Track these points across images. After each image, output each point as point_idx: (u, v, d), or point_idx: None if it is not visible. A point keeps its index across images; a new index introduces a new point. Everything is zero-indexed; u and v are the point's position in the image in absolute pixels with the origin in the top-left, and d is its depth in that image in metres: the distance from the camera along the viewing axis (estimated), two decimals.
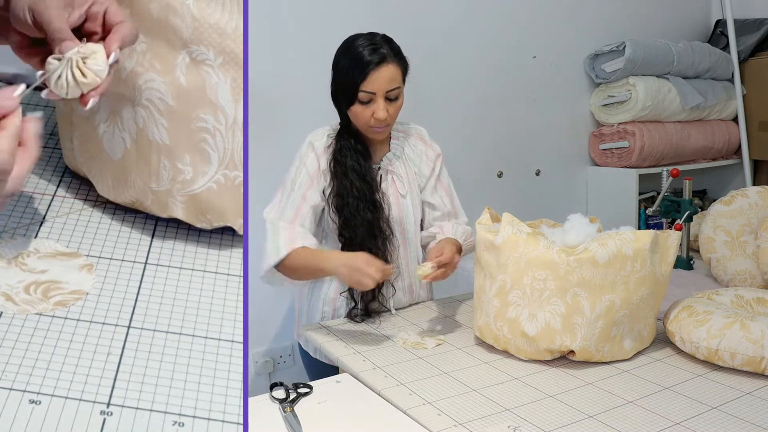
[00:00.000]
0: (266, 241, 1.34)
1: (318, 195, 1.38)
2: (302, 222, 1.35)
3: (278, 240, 1.32)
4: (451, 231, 1.45)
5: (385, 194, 1.42)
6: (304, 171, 1.38)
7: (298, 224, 1.35)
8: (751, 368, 1.05)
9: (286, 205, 1.37)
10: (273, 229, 1.34)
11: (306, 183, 1.37)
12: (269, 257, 1.32)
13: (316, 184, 1.38)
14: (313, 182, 1.38)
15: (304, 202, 1.36)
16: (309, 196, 1.37)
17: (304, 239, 1.32)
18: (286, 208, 1.36)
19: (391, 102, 1.34)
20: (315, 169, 1.38)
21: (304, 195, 1.37)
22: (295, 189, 1.37)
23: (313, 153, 1.39)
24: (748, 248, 1.59)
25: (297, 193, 1.37)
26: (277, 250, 1.31)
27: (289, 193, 1.38)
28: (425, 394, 1.03)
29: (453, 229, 1.46)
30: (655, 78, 2.52)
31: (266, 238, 1.35)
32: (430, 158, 1.49)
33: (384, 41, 1.33)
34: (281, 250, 1.30)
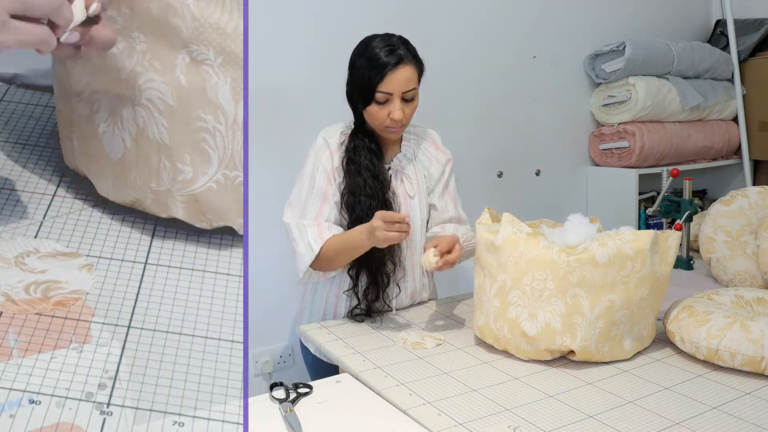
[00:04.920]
0: (295, 243, 1.36)
1: (337, 191, 1.39)
2: (327, 218, 1.38)
3: (307, 238, 1.34)
4: (453, 231, 1.46)
5: (395, 194, 1.43)
6: (321, 169, 1.39)
7: (323, 220, 1.37)
8: (751, 368, 1.05)
9: (307, 205, 1.38)
10: (299, 230, 1.36)
11: (325, 181, 1.39)
12: (304, 256, 1.33)
13: (333, 181, 1.39)
14: (331, 180, 1.39)
15: (325, 201, 1.38)
16: (329, 193, 1.38)
17: (330, 230, 1.35)
18: (308, 208, 1.38)
19: (407, 102, 1.35)
20: (331, 167, 1.40)
21: (325, 193, 1.38)
22: (315, 187, 1.39)
23: (327, 150, 1.40)
24: (748, 248, 1.59)
25: (317, 191, 1.38)
26: (309, 248, 1.32)
27: (308, 192, 1.39)
28: (425, 394, 1.03)
29: (454, 230, 1.47)
30: (655, 78, 2.52)
31: (294, 240, 1.36)
32: (440, 162, 1.50)
33: (401, 42, 1.35)
34: (313, 246, 1.32)
